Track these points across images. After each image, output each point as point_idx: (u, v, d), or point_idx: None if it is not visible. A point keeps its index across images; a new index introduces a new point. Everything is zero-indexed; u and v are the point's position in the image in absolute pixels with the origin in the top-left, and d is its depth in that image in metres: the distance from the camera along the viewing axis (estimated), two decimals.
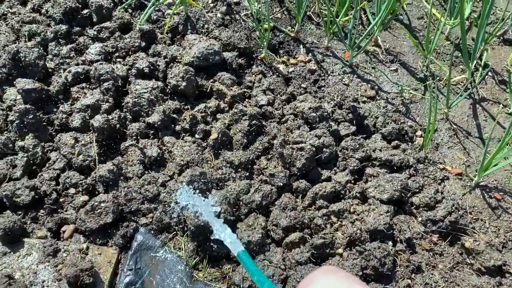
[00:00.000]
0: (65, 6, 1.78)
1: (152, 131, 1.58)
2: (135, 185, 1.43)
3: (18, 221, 1.32)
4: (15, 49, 1.61)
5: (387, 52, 1.92)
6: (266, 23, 1.84)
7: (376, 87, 1.80)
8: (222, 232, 0.93)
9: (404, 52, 1.92)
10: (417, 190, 1.53)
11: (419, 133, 1.71)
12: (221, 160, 1.55)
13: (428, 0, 2.08)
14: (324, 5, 1.98)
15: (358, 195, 1.49)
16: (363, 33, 1.94)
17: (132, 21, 1.85)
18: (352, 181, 1.52)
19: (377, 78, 1.83)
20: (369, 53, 1.91)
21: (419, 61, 1.90)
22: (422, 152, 1.63)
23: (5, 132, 1.53)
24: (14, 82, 1.59)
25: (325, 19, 1.85)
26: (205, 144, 1.58)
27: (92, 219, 1.34)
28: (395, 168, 1.56)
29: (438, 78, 1.85)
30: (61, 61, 1.69)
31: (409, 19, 2.03)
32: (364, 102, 1.74)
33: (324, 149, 1.52)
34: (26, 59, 1.61)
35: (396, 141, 1.63)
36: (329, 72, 1.83)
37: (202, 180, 1.42)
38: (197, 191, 1.40)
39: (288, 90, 1.74)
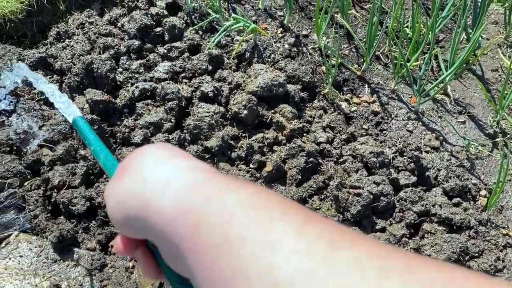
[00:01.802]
0: (140, 22, 1.84)
1: (209, 155, 1.58)
2: None
3: (71, 230, 1.35)
4: (90, 60, 1.67)
5: (456, 102, 1.84)
6: (334, 59, 1.82)
7: (441, 137, 1.73)
8: (53, 95, 0.71)
9: (474, 104, 1.84)
10: (476, 254, 1.44)
11: (483, 192, 1.62)
12: None
13: (505, 53, 1.99)
14: (394, 47, 1.94)
15: (412, 251, 1.42)
16: (432, 79, 1.88)
17: (201, 43, 1.88)
18: (408, 235, 1.45)
19: (442, 128, 1.76)
20: (437, 101, 1.84)
21: (490, 115, 1.81)
22: (485, 213, 1.54)
23: (70, 139, 1.58)
24: (84, 91, 1.65)
25: (395, 61, 1.81)
26: (259, 175, 1.56)
27: None
28: (454, 227, 1.47)
29: (508, 136, 1.76)
30: (130, 75, 1.74)
31: (482, 70, 1.95)
32: (427, 152, 1.67)
33: (382, 198, 1.47)
34: (99, 71, 1.66)
35: (458, 198, 1.54)
36: (393, 116, 1.77)
37: None
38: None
39: (349, 130, 1.70)
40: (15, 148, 1.52)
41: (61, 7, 2.05)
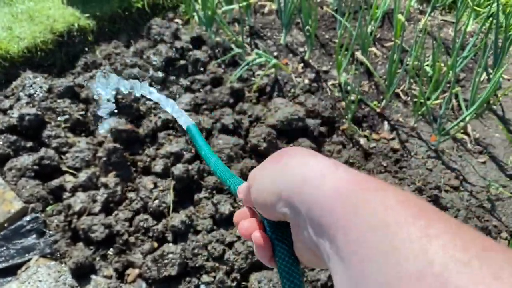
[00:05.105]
0: (165, 55, 1.90)
1: (227, 187, 1.59)
2: (203, 240, 1.43)
3: (89, 257, 1.36)
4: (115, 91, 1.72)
5: (476, 141, 1.83)
6: (354, 95, 1.84)
7: (461, 177, 1.71)
8: (169, 106, 0.79)
9: (495, 144, 1.83)
10: None
11: (504, 234, 1.58)
12: None
13: None
14: (414, 85, 1.95)
15: None
16: (452, 118, 1.88)
17: (223, 76, 1.93)
18: None
19: (462, 168, 1.75)
20: (457, 140, 1.83)
21: (511, 156, 1.79)
22: None
23: (92, 166, 1.61)
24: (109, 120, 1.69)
25: (415, 99, 1.82)
26: None
27: (157, 268, 1.35)
28: None
29: None
30: (153, 106, 1.78)
31: (503, 110, 1.95)
32: (446, 191, 1.66)
33: None
34: (123, 101, 1.72)
35: None
36: (412, 154, 1.77)
37: None
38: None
39: (368, 166, 1.70)
40: (39, 173, 1.56)
41: (89, 38, 2.13)
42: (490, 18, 1.99)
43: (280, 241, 0.44)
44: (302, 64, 2.03)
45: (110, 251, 1.44)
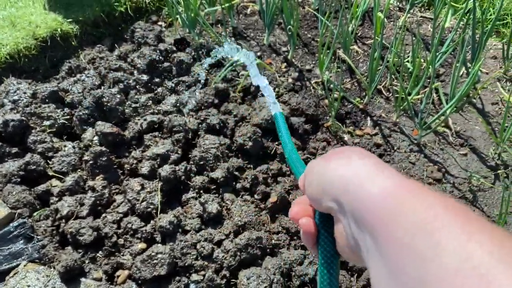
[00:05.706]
0: (149, 58, 1.91)
1: (214, 186, 1.61)
2: (191, 239, 1.44)
3: (78, 260, 1.36)
4: (100, 93, 1.73)
5: (457, 134, 1.88)
6: (337, 92, 1.87)
7: (443, 169, 1.75)
8: (267, 90, 0.83)
9: (475, 137, 1.87)
10: None
11: None
12: (277, 225, 1.54)
13: (504, 87, 2.04)
14: (395, 81, 1.99)
15: None
16: (433, 112, 1.92)
17: (207, 77, 1.95)
18: None
19: (444, 161, 1.78)
20: (438, 134, 1.87)
21: (491, 148, 1.84)
22: None
23: (79, 170, 1.62)
24: (94, 124, 1.70)
25: (396, 95, 1.85)
26: (263, 206, 1.59)
27: (147, 269, 1.36)
28: None
29: (510, 168, 1.78)
30: (138, 108, 1.79)
31: (483, 103, 1.99)
32: (429, 183, 1.69)
33: None
34: (108, 104, 1.72)
35: None
36: (395, 148, 1.80)
37: (257, 245, 1.42)
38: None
39: None
40: (26, 178, 1.56)
41: (73, 42, 2.13)
42: (468, 14, 2.04)
43: (326, 231, 0.48)
44: (285, 64, 2.05)
45: (99, 254, 1.44)
